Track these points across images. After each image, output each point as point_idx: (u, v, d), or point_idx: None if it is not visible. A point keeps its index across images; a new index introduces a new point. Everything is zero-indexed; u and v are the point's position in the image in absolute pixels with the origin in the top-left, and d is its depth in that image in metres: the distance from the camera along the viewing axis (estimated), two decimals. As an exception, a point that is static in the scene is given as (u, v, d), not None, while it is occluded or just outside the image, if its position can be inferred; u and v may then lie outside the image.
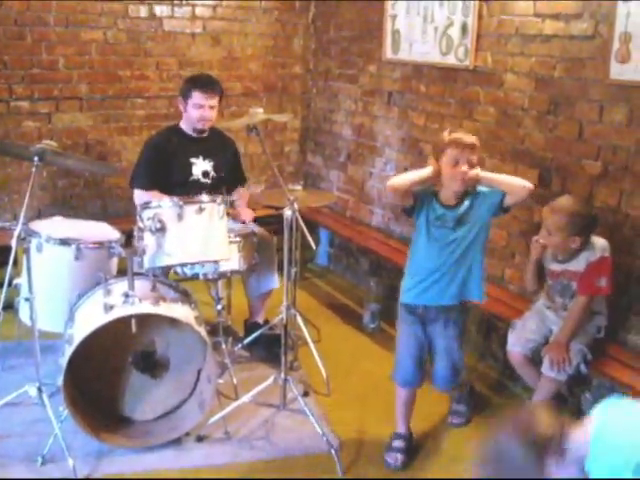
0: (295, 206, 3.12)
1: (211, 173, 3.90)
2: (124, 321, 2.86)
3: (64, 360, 2.82)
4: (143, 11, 4.64)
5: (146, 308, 2.91)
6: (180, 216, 3.01)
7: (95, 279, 3.09)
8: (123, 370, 3.15)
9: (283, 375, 3.24)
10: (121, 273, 3.17)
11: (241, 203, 4.02)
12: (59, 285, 3.19)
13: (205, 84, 3.80)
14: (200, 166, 3.88)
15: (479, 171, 2.77)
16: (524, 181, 2.76)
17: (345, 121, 5.06)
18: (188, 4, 4.77)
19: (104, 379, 3.13)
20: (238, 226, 3.68)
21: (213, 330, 3.53)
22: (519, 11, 3.55)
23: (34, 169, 2.97)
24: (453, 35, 3.91)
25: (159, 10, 4.69)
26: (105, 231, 3.43)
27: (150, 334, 3.10)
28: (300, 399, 3.23)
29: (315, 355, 3.64)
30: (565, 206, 2.98)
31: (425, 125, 4.26)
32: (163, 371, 3.17)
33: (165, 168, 3.80)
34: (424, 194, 2.85)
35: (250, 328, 3.97)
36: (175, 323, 3.01)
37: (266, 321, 3.97)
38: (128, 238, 3.14)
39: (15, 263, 2.90)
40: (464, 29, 3.83)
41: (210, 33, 4.90)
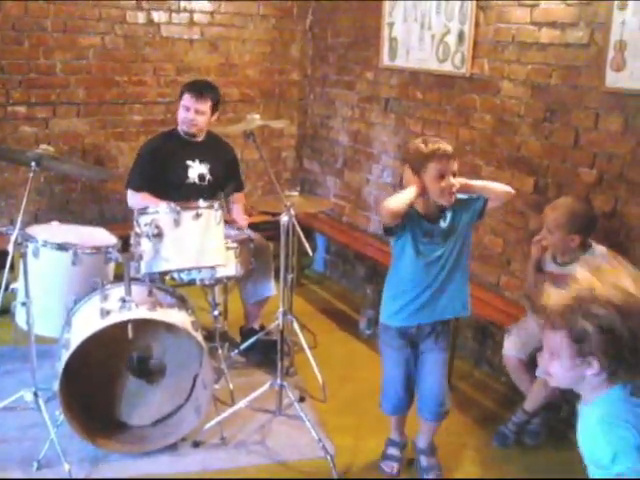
0: (292, 212, 3.13)
1: (207, 176, 3.90)
2: (121, 326, 2.87)
3: (60, 365, 2.82)
4: (141, 17, 4.65)
5: (143, 313, 2.91)
6: (177, 222, 3.02)
7: (92, 284, 3.08)
8: (119, 375, 3.15)
9: (279, 381, 3.24)
10: (118, 278, 3.17)
11: (237, 209, 4.03)
12: (56, 290, 3.19)
13: (196, 88, 3.81)
14: (196, 169, 3.89)
15: (466, 180, 2.66)
16: (506, 186, 2.73)
17: (342, 127, 5.07)
18: (186, 10, 4.79)
19: (100, 384, 3.12)
20: (235, 232, 3.69)
21: (209, 336, 3.53)
22: (515, 19, 3.57)
23: (31, 174, 2.97)
24: (450, 42, 3.93)
25: (157, 16, 4.70)
26: (102, 236, 3.42)
27: (147, 339, 3.10)
28: (296, 405, 3.23)
29: (311, 361, 3.63)
30: (565, 204, 3.04)
31: (422, 132, 4.27)
32: (159, 376, 3.17)
33: (161, 170, 3.80)
34: (407, 212, 2.65)
35: (246, 334, 3.96)
36: (172, 328, 3.01)
37: (262, 327, 3.97)
38: (125, 243, 3.15)
39: (12, 268, 2.91)
40: (461, 37, 3.85)
41: (208, 39, 4.91)
